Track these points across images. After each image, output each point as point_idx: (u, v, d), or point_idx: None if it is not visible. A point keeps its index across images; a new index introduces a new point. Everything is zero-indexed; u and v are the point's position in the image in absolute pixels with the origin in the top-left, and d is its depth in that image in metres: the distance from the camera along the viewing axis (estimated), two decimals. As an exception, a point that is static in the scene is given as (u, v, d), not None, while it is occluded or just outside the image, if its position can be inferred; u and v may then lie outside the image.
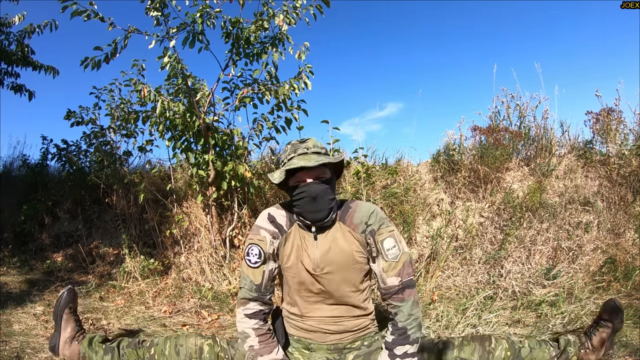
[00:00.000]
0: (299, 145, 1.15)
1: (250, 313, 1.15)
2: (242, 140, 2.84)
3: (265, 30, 2.62)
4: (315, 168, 1.09)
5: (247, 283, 1.17)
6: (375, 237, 1.13)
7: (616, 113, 3.25)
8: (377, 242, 1.13)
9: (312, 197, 1.08)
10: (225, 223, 2.97)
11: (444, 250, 2.64)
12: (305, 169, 1.09)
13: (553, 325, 1.86)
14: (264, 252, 1.17)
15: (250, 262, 1.16)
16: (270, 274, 1.19)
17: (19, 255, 3.39)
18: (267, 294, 1.19)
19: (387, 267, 1.12)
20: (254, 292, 1.16)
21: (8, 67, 3.63)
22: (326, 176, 1.12)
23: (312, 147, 1.14)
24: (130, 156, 3.53)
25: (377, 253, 1.14)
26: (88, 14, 2.24)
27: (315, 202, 1.08)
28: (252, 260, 1.16)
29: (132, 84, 2.66)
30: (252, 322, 1.14)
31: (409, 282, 1.13)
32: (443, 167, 3.22)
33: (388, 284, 1.12)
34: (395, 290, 1.12)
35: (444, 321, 1.96)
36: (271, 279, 1.20)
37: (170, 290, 2.63)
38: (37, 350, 1.60)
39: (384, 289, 1.14)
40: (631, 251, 2.49)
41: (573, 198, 2.90)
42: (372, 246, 1.15)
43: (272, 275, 1.20)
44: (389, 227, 1.15)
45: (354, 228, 1.15)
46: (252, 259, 1.16)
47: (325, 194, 1.10)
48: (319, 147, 1.15)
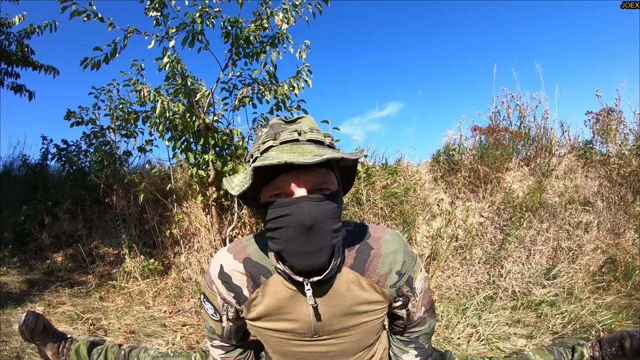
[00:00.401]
0: (285, 126, 0.68)
1: (217, 344, 0.91)
2: (242, 140, 2.84)
3: (264, 29, 2.62)
4: (314, 169, 0.63)
5: (207, 327, 0.91)
6: (413, 286, 0.80)
7: (616, 113, 3.25)
8: (414, 286, 0.80)
9: (305, 225, 0.61)
10: (225, 223, 2.97)
11: (444, 250, 2.64)
12: (294, 169, 0.62)
13: (553, 325, 1.86)
14: (218, 310, 0.84)
15: (208, 311, 0.86)
16: (232, 329, 0.87)
17: (19, 255, 3.40)
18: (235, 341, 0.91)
19: (415, 304, 0.82)
20: (218, 338, 0.90)
21: (8, 68, 3.63)
22: (331, 187, 0.65)
23: (307, 130, 0.67)
24: (130, 156, 3.54)
25: (411, 295, 0.80)
26: (87, 14, 2.24)
27: (311, 234, 0.61)
28: (208, 311, 0.86)
29: (131, 84, 2.66)
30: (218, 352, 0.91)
31: (431, 308, 0.87)
32: (443, 167, 3.22)
33: (415, 318, 0.84)
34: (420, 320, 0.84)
35: (444, 321, 1.96)
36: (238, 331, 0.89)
37: (170, 290, 2.63)
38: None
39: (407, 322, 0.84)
40: (631, 251, 2.48)
41: (573, 198, 2.90)
42: (407, 297, 0.79)
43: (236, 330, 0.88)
44: (419, 262, 0.82)
45: (380, 281, 0.75)
46: (208, 311, 0.86)
47: (327, 222, 0.63)
48: (317, 131, 0.68)
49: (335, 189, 0.66)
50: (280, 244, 0.64)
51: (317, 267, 0.64)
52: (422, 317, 0.84)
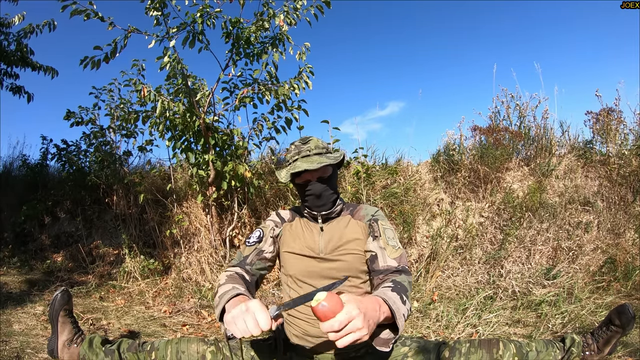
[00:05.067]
0: (302, 147, 1.23)
1: (228, 274, 1.13)
2: (242, 140, 2.84)
3: (265, 30, 2.62)
4: (318, 169, 1.17)
5: (237, 256, 1.23)
6: (378, 223, 1.21)
7: (616, 113, 3.25)
8: (380, 226, 1.20)
9: (316, 195, 1.20)
10: (225, 223, 2.97)
11: (444, 250, 2.64)
12: (309, 171, 1.17)
13: (553, 325, 1.86)
14: (264, 234, 1.25)
15: (249, 241, 1.24)
16: (260, 253, 1.21)
17: (19, 255, 3.39)
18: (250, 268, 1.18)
19: (387, 249, 1.15)
20: (238, 264, 1.19)
21: (7, 68, 3.62)
22: (327, 174, 1.21)
23: (314, 148, 1.21)
24: (130, 156, 3.54)
25: (379, 234, 1.18)
26: (88, 13, 2.24)
27: (320, 198, 1.20)
28: (250, 240, 1.24)
29: (132, 84, 2.66)
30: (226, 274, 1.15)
31: (406, 268, 1.13)
32: (443, 167, 3.22)
33: (388, 263, 1.12)
34: (393, 270, 1.10)
35: (444, 321, 1.96)
36: (260, 259, 1.20)
37: (170, 290, 2.63)
38: (37, 350, 1.60)
39: (382, 268, 1.11)
40: (631, 251, 2.49)
41: (573, 198, 2.90)
42: (374, 229, 1.20)
43: (262, 255, 1.20)
44: (389, 224, 1.24)
45: (360, 219, 1.24)
46: (250, 239, 1.24)
47: (327, 191, 1.21)
48: (320, 147, 1.22)
49: (330, 174, 1.22)
50: (308, 203, 1.23)
51: (324, 210, 1.22)
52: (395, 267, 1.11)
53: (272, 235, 1.24)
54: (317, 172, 1.18)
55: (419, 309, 2.16)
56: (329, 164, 1.16)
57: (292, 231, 1.25)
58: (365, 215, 1.24)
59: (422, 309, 2.16)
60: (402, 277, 1.07)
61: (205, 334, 1.98)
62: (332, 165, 1.22)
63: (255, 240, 1.23)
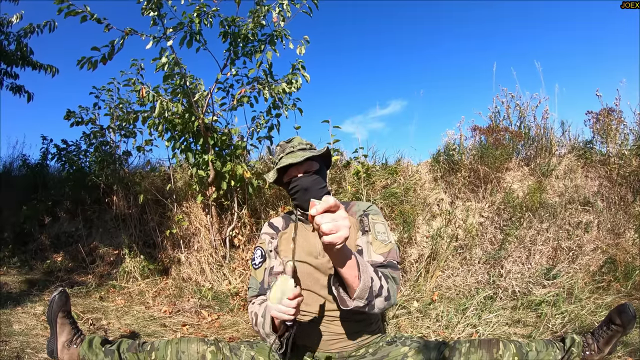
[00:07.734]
0: (286, 145, 1.28)
1: (259, 302, 1.20)
2: (241, 140, 2.85)
3: (262, 27, 2.61)
4: (303, 163, 1.21)
5: (253, 283, 1.26)
6: (369, 218, 1.23)
7: (616, 113, 3.25)
8: (370, 221, 1.22)
9: (304, 188, 1.21)
10: (225, 223, 2.97)
11: (444, 250, 2.64)
12: (294, 165, 1.21)
13: (553, 325, 1.86)
14: (265, 251, 1.27)
15: (255, 263, 1.27)
16: (271, 270, 1.24)
17: (19, 255, 3.39)
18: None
19: (374, 244, 1.16)
20: (259, 291, 1.23)
21: (7, 68, 3.62)
22: (314, 168, 1.24)
23: (297, 145, 1.26)
24: (130, 156, 3.53)
25: (368, 229, 1.21)
26: (84, 15, 2.22)
27: (308, 192, 1.20)
28: (256, 262, 1.27)
29: (131, 84, 2.66)
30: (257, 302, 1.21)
31: (393, 263, 1.14)
32: (443, 167, 3.22)
33: (373, 258, 1.13)
34: (378, 265, 1.12)
35: (444, 321, 1.96)
36: (273, 275, 1.24)
37: (170, 290, 2.63)
38: (37, 350, 1.60)
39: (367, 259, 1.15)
40: (631, 251, 2.48)
41: (573, 198, 2.89)
42: (364, 223, 1.22)
43: (273, 272, 1.24)
44: (381, 218, 1.25)
45: (352, 214, 1.26)
46: (256, 261, 1.27)
47: (315, 184, 1.21)
48: (303, 144, 1.27)
49: (317, 168, 1.25)
50: (297, 200, 1.23)
51: None
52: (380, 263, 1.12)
53: (271, 249, 1.27)
54: (303, 167, 1.21)
55: (419, 309, 2.16)
56: (312, 155, 1.20)
57: (288, 239, 1.26)
58: (357, 210, 1.27)
59: (422, 309, 2.16)
60: (386, 270, 1.10)
61: (205, 334, 1.98)
62: (317, 161, 1.26)
63: (261, 261, 1.25)
